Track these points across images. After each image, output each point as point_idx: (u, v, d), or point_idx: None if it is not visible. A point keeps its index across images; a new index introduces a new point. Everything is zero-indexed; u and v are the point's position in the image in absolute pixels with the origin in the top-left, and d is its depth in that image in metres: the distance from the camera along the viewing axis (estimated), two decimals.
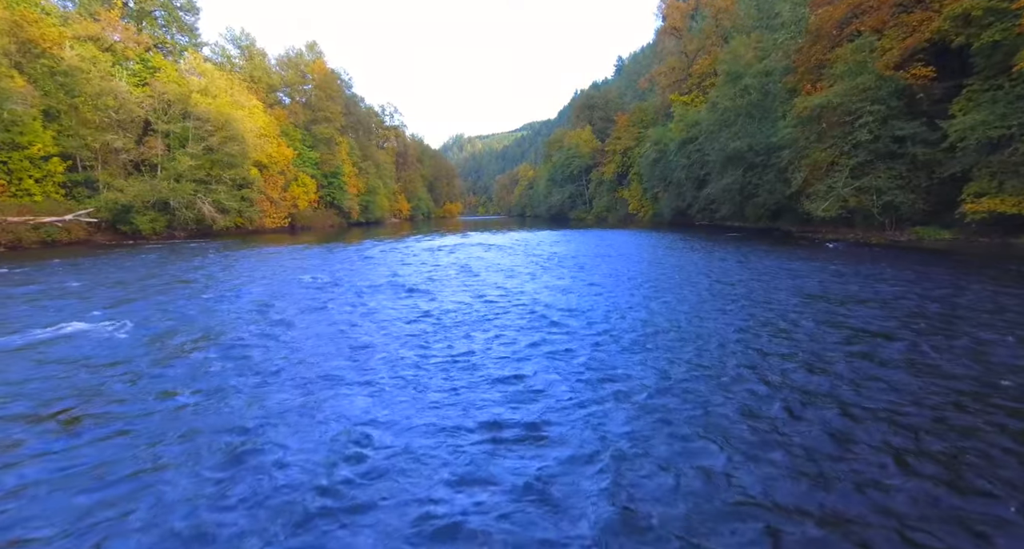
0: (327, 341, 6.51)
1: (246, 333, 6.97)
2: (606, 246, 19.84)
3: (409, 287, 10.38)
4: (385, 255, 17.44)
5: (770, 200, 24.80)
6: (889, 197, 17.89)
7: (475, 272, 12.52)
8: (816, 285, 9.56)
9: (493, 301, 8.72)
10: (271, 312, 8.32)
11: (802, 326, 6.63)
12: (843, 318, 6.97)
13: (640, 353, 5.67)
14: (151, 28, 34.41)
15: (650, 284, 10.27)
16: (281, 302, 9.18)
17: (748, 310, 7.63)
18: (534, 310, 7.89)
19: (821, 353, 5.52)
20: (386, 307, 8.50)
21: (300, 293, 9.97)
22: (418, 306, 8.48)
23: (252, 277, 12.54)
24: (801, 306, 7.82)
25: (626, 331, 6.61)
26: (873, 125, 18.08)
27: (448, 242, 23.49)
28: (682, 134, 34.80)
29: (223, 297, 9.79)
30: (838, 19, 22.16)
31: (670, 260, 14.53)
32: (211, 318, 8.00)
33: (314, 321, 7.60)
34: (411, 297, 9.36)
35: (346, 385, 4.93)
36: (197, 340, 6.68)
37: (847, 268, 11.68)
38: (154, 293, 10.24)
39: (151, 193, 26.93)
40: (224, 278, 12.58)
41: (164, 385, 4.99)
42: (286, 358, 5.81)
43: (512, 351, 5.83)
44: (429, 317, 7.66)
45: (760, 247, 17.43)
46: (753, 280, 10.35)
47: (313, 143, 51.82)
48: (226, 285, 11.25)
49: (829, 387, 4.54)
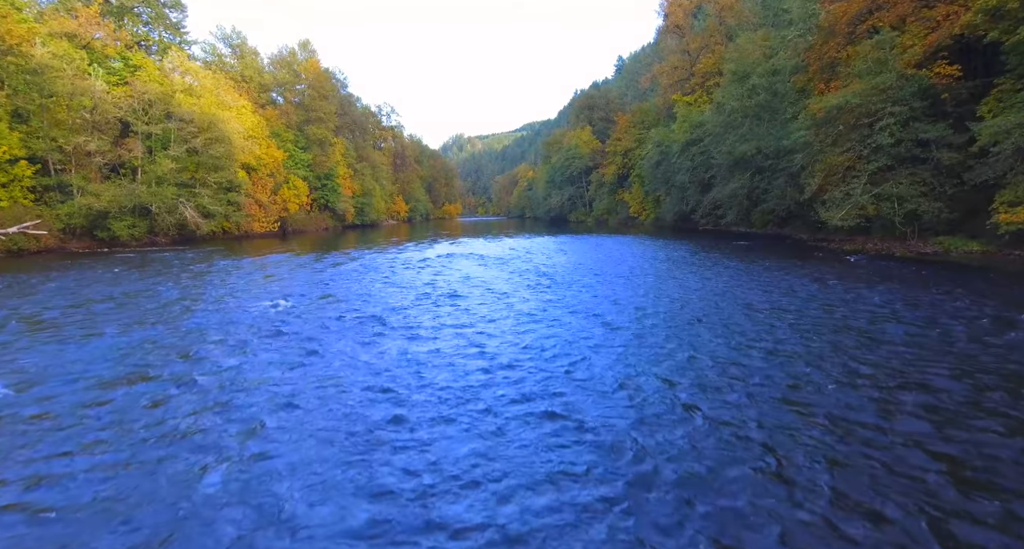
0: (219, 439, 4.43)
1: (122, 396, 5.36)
2: (608, 259, 18.25)
3: (380, 324, 8.41)
4: (366, 271, 15.44)
5: (780, 206, 23.52)
6: (912, 205, 16.59)
7: (462, 300, 10.48)
8: (894, 338, 6.95)
9: (480, 361, 6.38)
10: (184, 363, 6.56)
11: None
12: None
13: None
14: (133, 25, 33.11)
15: (670, 327, 7.83)
16: (207, 345, 7.31)
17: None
18: (529, 387, 5.47)
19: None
20: (341, 360, 6.50)
21: (242, 331, 8.16)
22: (383, 365, 6.27)
23: (202, 301, 10.77)
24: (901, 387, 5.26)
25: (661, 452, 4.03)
26: (894, 127, 16.78)
27: (439, 252, 21.91)
28: (685, 136, 33.53)
29: (140, 334, 7.97)
30: (853, 14, 20.87)
31: (682, 280, 13.08)
32: (89, 365, 6.42)
33: (231, 384, 5.72)
34: (377, 344, 7.28)
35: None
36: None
37: (893, 297, 9.54)
38: (38, 329, 8.40)
39: (128, 198, 25.60)
40: (163, 301, 10.83)
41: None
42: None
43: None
44: (393, 392, 5.36)
45: (776, 261, 16.05)
46: (808, 333, 7.40)
47: (306, 144, 50.55)
48: (155, 314, 9.47)
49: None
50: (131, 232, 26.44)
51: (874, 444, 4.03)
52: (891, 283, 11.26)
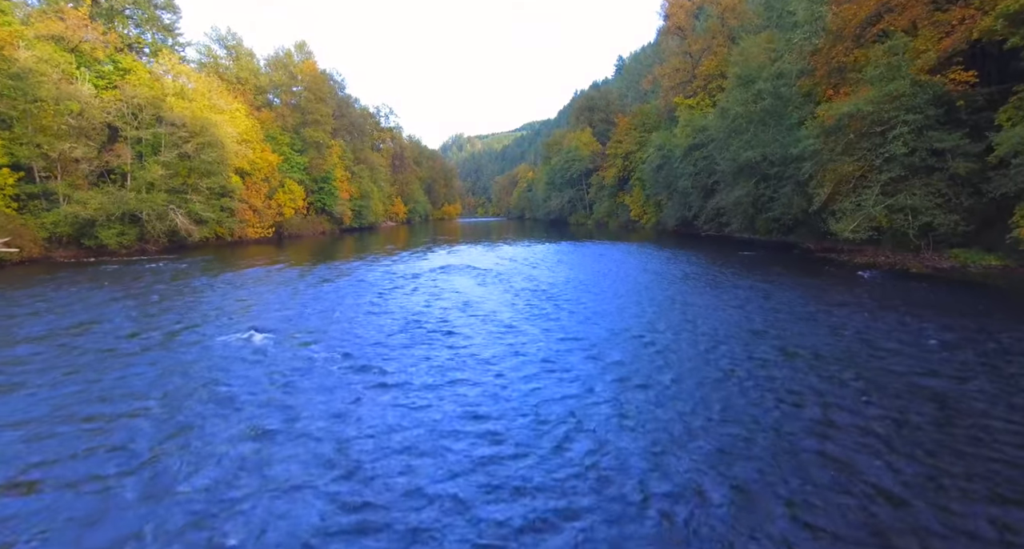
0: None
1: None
2: (615, 275, 17.25)
3: (358, 375, 7.35)
4: (354, 292, 14.30)
5: (786, 215, 22.84)
6: (927, 218, 15.92)
7: (458, 337, 9.21)
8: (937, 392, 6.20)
9: (480, 444, 5.31)
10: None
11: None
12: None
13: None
14: (123, 27, 32.38)
15: (701, 385, 6.78)
16: (128, 417, 6.04)
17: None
18: (543, 503, 4.23)
19: None
20: (298, 450, 5.23)
21: (185, 389, 6.91)
22: (356, 459, 5.01)
23: (159, 335, 9.60)
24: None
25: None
26: (908, 136, 16.10)
27: (434, 264, 20.98)
28: (688, 140, 32.83)
29: (49, 395, 6.71)
30: (863, 17, 20.18)
31: (699, 308, 12.23)
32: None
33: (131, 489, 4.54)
34: (351, 416, 6.02)
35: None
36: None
37: (948, 334, 8.44)
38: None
39: (117, 205, 24.89)
40: (112, 335, 9.64)
41: None
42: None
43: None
44: (366, 509, 4.13)
45: (789, 278, 15.35)
46: (837, 368, 7.09)
47: (302, 147, 49.84)
48: (90, 360, 8.21)
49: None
50: (119, 240, 25.73)
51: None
52: (928, 312, 10.25)
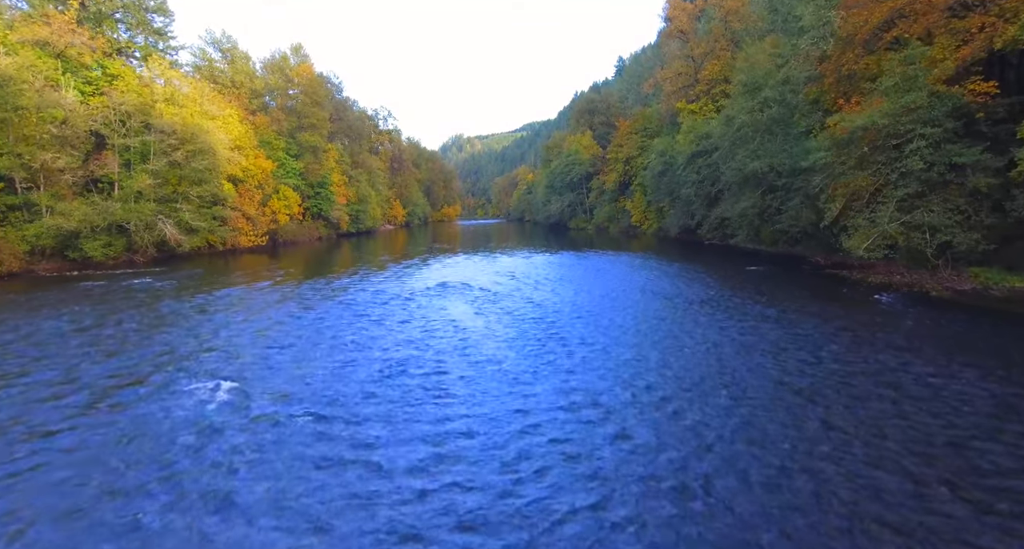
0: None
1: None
2: (618, 295, 16.28)
3: (331, 447, 6.37)
4: (339, 322, 12.94)
5: (794, 227, 22.04)
6: (946, 236, 15.13)
7: (451, 392, 8.06)
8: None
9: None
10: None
11: None
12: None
13: None
14: (112, 32, 31.57)
15: (733, 467, 5.81)
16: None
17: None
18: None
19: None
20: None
21: (108, 495, 5.42)
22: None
23: (109, 389, 8.40)
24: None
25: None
26: (925, 151, 15.32)
27: (429, 282, 19.54)
28: (691, 147, 32.03)
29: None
30: (875, 24, 19.40)
31: (711, 343, 11.24)
32: None
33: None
34: (309, 481, 5.31)
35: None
36: None
37: (988, 389, 7.43)
38: None
39: (102, 216, 24.08)
40: (41, 392, 8.25)
41: None
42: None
43: None
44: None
45: (802, 303, 14.51)
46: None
47: (298, 152, 49.04)
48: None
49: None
50: (105, 251, 24.92)
51: None
52: (971, 355, 9.14)
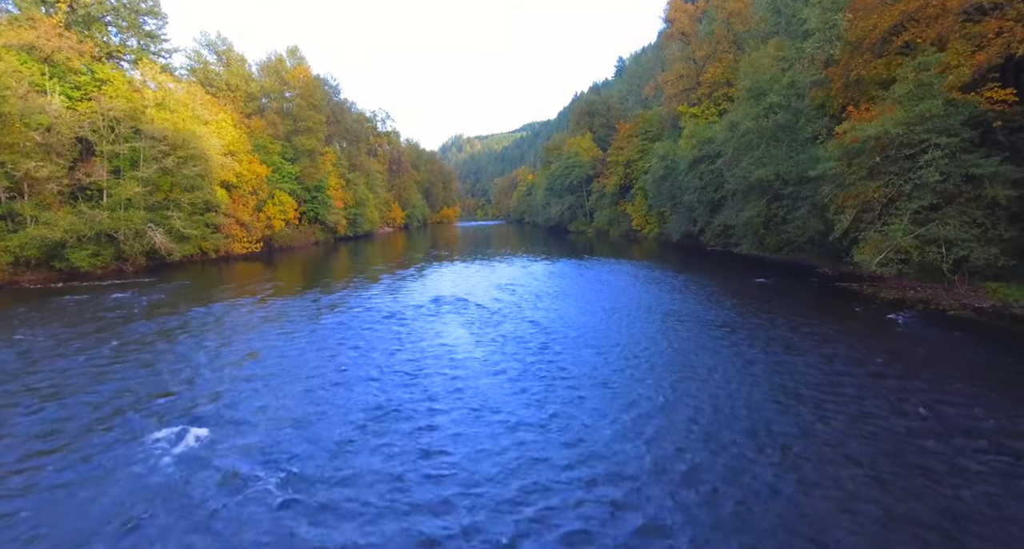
0: None
1: None
2: (624, 315, 15.37)
3: (294, 495, 5.77)
4: (319, 342, 12.36)
5: (802, 237, 21.39)
6: (963, 251, 14.49)
7: (440, 450, 6.96)
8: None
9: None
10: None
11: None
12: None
13: None
14: (102, 35, 30.88)
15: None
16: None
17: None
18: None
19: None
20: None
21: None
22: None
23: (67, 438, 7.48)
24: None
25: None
26: (941, 161, 14.68)
27: (423, 297, 18.28)
28: (693, 152, 31.38)
29: None
30: (885, 28, 18.76)
31: (725, 368, 10.57)
32: None
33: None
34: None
35: None
36: None
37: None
38: None
39: (88, 226, 23.41)
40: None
41: None
42: None
43: None
44: None
45: (816, 325, 13.85)
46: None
47: (295, 155, 48.40)
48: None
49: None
50: (92, 261, 24.25)
51: None
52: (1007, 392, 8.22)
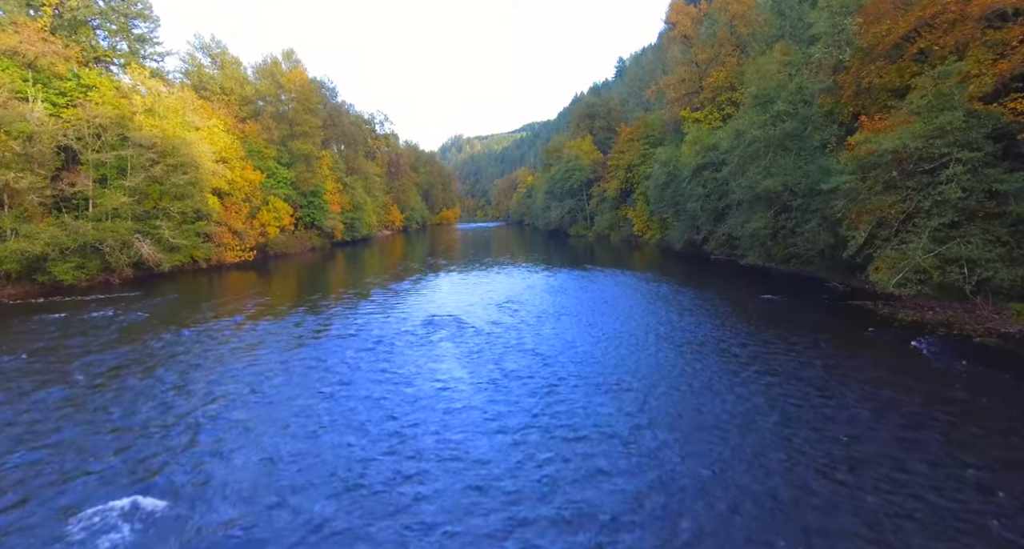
0: None
1: None
2: (631, 342, 14.68)
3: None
4: (296, 382, 10.97)
5: (811, 250, 20.59)
6: (987, 271, 13.69)
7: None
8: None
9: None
10: None
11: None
12: None
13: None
14: (89, 39, 30.07)
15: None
16: None
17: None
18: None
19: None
20: None
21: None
22: None
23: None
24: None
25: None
26: (963, 177, 13.89)
27: (414, 316, 16.66)
28: (697, 159, 30.58)
29: None
30: (899, 35, 17.98)
31: (750, 418, 9.83)
32: None
33: None
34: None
35: None
36: None
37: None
38: None
39: (71, 238, 22.63)
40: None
41: None
42: None
43: None
44: None
45: (828, 351, 13.00)
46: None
47: (290, 160, 47.59)
48: None
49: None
50: (77, 274, 23.47)
51: None
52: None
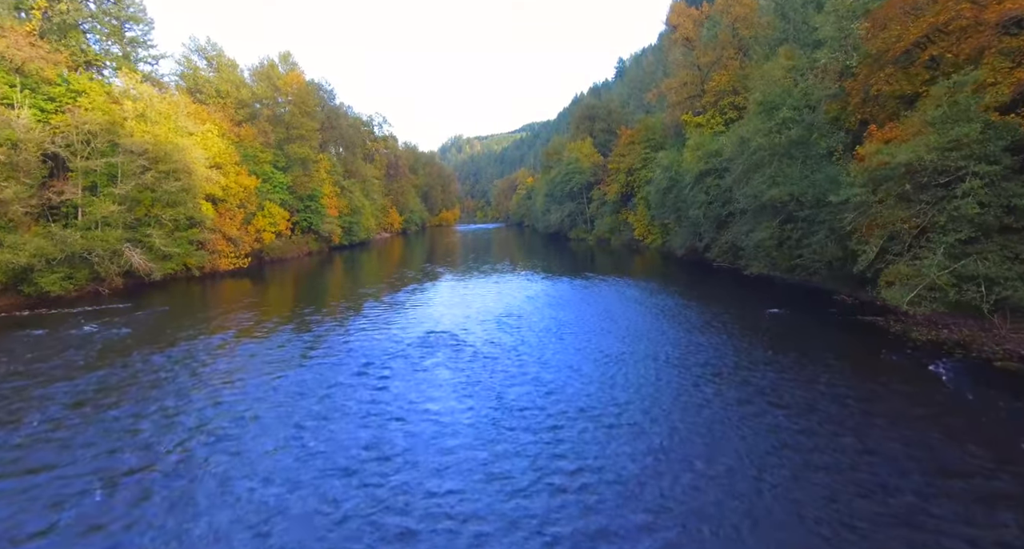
0: None
1: None
2: (631, 363, 14.68)
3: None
4: (263, 411, 10.00)
5: (818, 263, 20.02)
6: (1006, 290, 13.11)
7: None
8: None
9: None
10: None
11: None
12: None
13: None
14: (79, 43, 29.46)
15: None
16: None
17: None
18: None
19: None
20: None
21: None
22: None
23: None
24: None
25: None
26: (980, 191, 13.32)
27: (408, 332, 16.11)
28: (699, 165, 30.00)
29: None
30: (910, 41, 17.40)
31: (776, 476, 9.54)
32: None
33: None
34: None
35: None
36: None
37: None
38: None
39: (57, 248, 22.05)
40: None
41: None
42: None
43: None
44: None
45: (837, 369, 12.52)
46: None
47: (287, 164, 47.02)
48: None
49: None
50: (65, 285, 22.89)
51: None
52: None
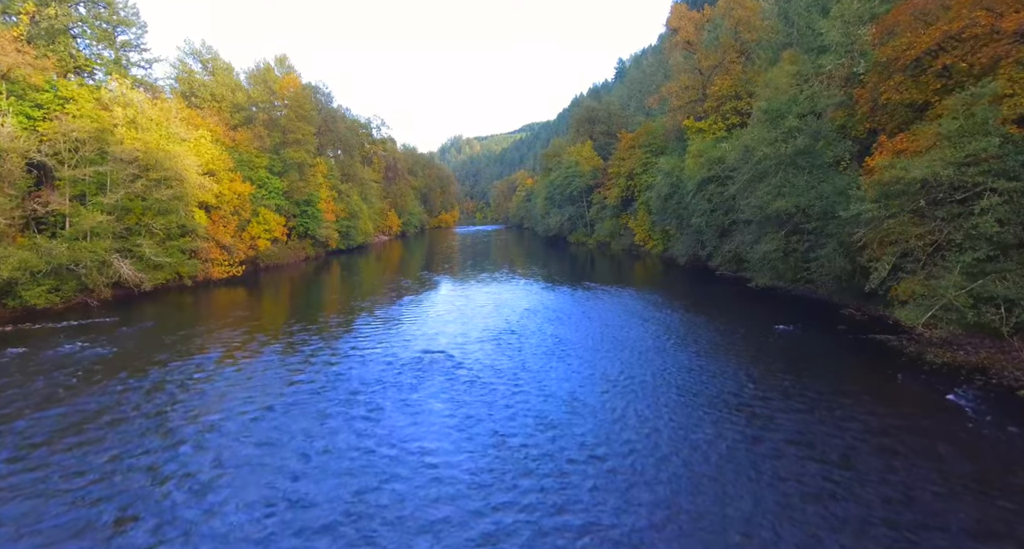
0: None
1: None
2: (636, 391, 14.09)
3: None
4: (248, 470, 8.82)
5: (826, 275, 19.43)
6: None
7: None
8: None
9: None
10: None
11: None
12: None
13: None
14: (68, 48, 28.83)
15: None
16: None
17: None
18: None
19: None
20: None
21: None
22: None
23: None
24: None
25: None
26: (999, 208, 12.75)
27: (402, 350, 15.52)
28: (702, 172, 29.41)
29: None
30: (922, 49, 16.82)
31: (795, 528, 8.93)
32: None
33: None
34: None
35: None
36: None
37: None
38: None
39: (42, 261, 21.44)
40: None
41: None
42: None
43: None
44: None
45: (849, 395, 11.93)
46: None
47: (283, 168, 46.38)
48: None
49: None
50: (51, 298, 22.29)
51: None
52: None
